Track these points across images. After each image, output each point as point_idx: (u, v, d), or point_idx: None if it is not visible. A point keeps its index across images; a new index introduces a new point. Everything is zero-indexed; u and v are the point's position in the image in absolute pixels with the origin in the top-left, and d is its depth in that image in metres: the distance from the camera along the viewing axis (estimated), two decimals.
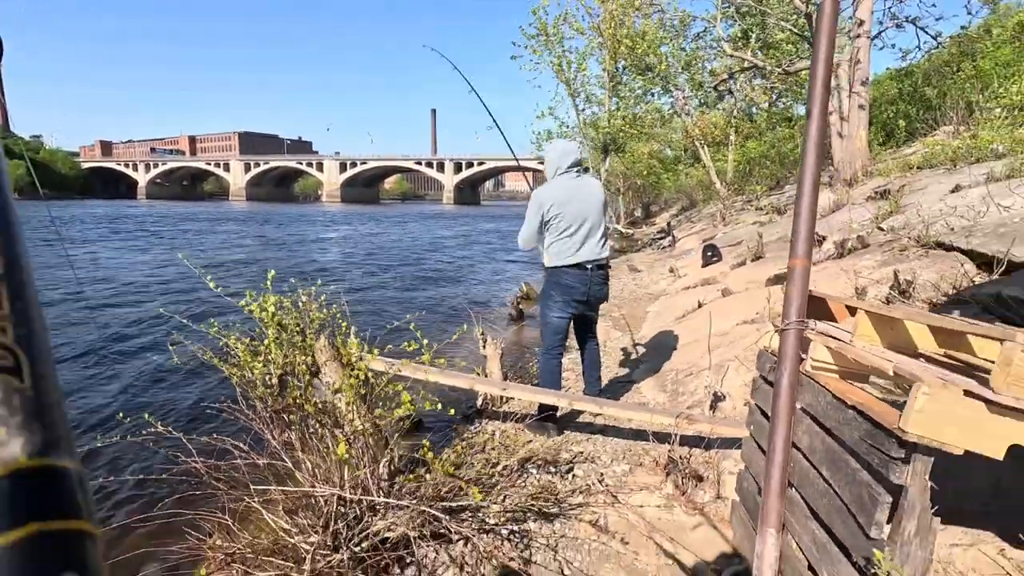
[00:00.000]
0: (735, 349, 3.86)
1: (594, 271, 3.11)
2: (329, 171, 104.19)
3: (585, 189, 3.10)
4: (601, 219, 3.13)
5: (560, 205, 3.03)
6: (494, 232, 30.55)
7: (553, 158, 3.15)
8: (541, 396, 2.81)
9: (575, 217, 3.03)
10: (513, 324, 7.51)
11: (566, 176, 3.11)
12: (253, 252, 18.36)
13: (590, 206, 3.08)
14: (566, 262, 3.07)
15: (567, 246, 3.07)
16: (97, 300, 9.52)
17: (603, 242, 3.15)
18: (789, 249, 1.55)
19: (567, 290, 3.11)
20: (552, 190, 3.08)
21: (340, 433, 2.05)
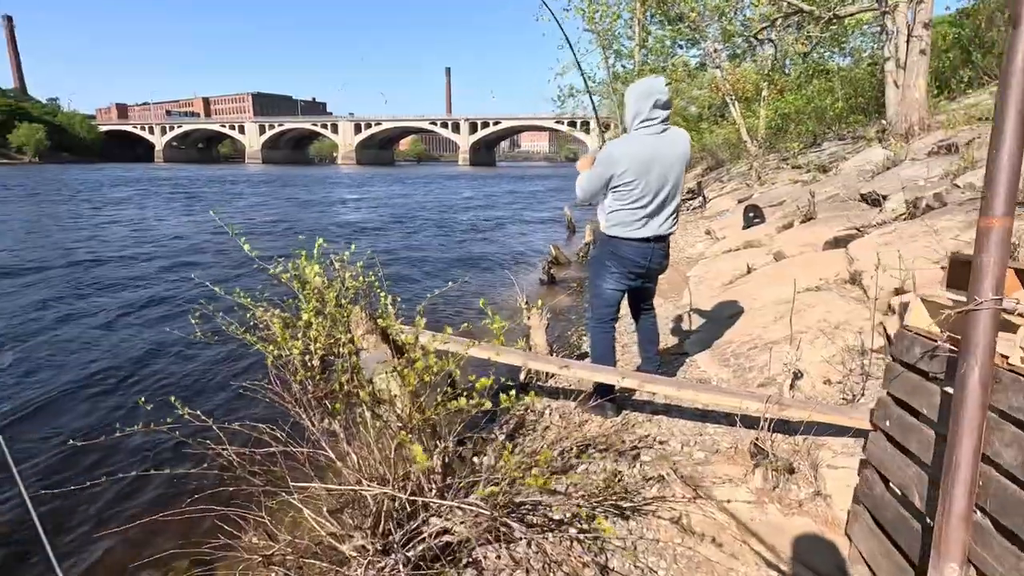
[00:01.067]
0: (805, 320, 3.49)
1: (657, 243, 2.71)
2: (344, 133, 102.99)
3: (671, 149, 2.54)
4: (680, 185, 2.63)
5: (637, 170, 2.49)
6: (514, 194, 29.95)
7: (631, 102, 2.54)
8: (604, 375, 2.49)
9: (653, 186, 2.52)
10: (545, 289, 7.19)
11: (648, 130, 2.51)
12: (279, 215, 18.17)
13: (673, 170, 2.55)
14: (628, 235, 2.64)
15: (635, 217, 2.59)
16: (125, 263, 9.39)
17: (676, 214, 2.72)
18: (981, 205, 1.18)
19: (624, 262, 2.69)
20: (630, 147, 2.51)
21: (396, 424, 1.76)
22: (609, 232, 2.71)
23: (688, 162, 2.68)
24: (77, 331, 5.87)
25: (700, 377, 3.37)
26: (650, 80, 2.59)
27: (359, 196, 27.34)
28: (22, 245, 11.35)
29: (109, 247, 11.22)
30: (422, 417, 1.77)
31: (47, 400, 4.14)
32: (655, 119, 2.52)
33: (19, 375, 4.62)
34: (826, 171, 9.29)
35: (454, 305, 6.37)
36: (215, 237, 12.56)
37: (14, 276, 8.43)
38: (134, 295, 7.36)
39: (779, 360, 3.20)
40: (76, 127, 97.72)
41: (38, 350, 5.25)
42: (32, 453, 3.25)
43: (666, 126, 2.58)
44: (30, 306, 6.80)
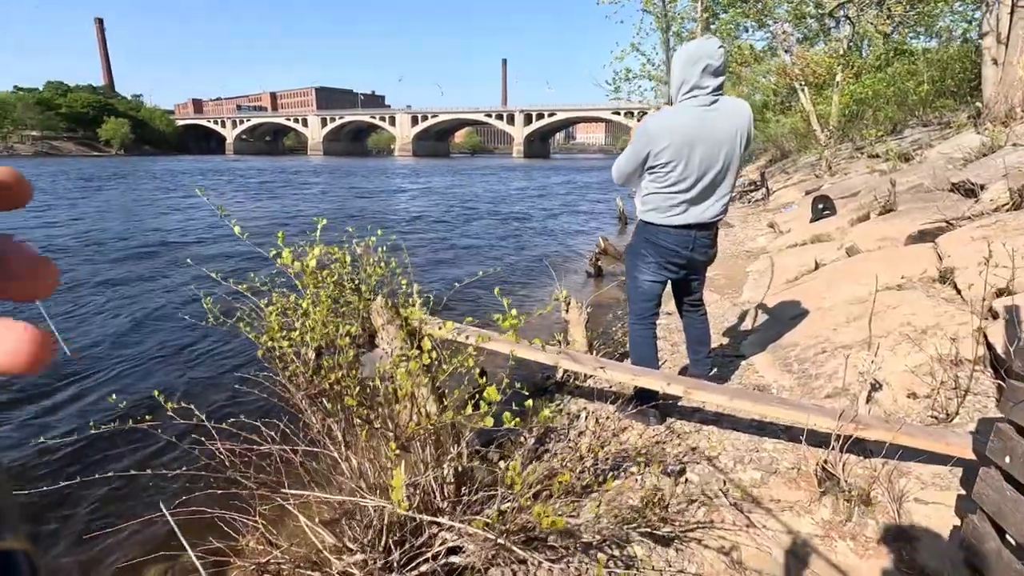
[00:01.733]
0: (885, 322, 3.06)
1: (700, 231, 2.36)
2: (401, 125, 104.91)
3: (720, 123, 2.17)
4: (734, 167, 2.26)
5: (677, 148, 2.16)
6: (567, 185, 29.48)
7: (677, 68, 2.19)
8: (645, 379, 2.20)
9: (696, 166, 2.19)
10: (591, 282, 6.88)
11: (695, 101, 2.16)
12: (341, 204, 18.63)
13: (723, 149, 2.19)
14: (666, 221, 2.32)
15: (673, 202, 2.27)
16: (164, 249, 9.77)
17: (726, 198, 2.33)
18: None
19: (661, 251, 2.39)
20: (671, 120, 2.17)
21: (395, 430, 1.56)
22: (644, 217, 2.41)
23: (748, 137, 2.28)
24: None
25: (758, 383, 3.01)
26: (699, 42, 2.19)
27: (416, 186, 27.71)
28: (95, 227, 12.06)
29: (179, 232, 11.75)
30: (426, 424, 1.56)
31: (31, 390, 3.78)
32: (705, 88, 2.15)
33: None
34: (908, 160, 8.45)
35: (492, 296, 6.16)
36: (279, 224, 12.95)
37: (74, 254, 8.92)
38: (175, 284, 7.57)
39: (852, 367, 2.80)
40: (156, 121, 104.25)
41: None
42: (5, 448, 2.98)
43: (718, 96, 2.20)
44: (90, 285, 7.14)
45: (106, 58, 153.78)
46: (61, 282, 0.23)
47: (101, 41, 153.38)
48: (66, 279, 7.20)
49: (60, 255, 8.82)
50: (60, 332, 5.22)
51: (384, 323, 2.42)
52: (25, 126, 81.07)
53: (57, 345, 0.22)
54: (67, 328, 5.18)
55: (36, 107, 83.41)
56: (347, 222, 9.72)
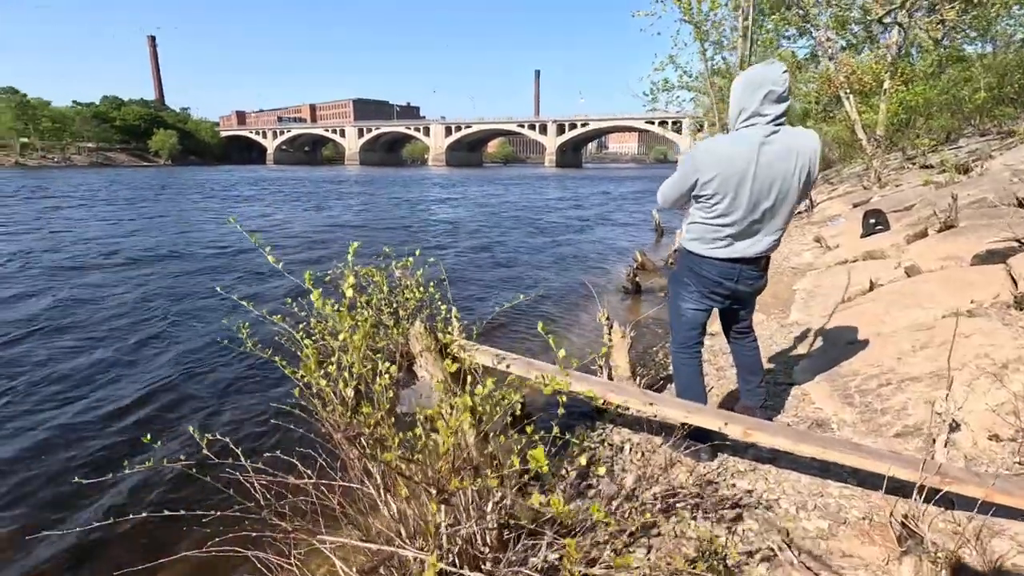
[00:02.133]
0: (958, 353, 2.82)
1: (748, 264, 2.20)
2: (435, 136, 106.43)
3: (778, 157, 1.98)
4: (789, 202, 2.08)
5: (724, 180, 2.00)
6: (601, 195, 29.26)
7: (737, 94, 2.04)
8: (701, 418, 2.05)
9: (745, 201, 2.03)
10: (629, 299, 6.70)
11: (752, 129, 1.99)
12: (379, 213, 18.95)
13: (776, 185, 2.01)
14: (709, 254, 2.19)
15: (718, 235, 2.14)
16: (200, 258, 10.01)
17: (777, 234, 2.16)
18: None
19: (704, 282, 2.26)
20: (719, 150, 2.02)
21: (436, 481, 1.47)
22: (687, 246, 2.29)
23: (811, 172, 2.07)
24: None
25: (816, 417, 2.81)
26: (762, 67, 2.03)
27: (451, 196, 28.00)
28: (138, 236, 12.50)
29: (218, 245, 12.09)
30: (470, 482, 1.46)
31: (53, 423, 3.68)
32: (766, 116, 1.99)
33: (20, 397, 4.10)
34: (967, 171, 8.01)
35: (529, 316, 6.01)
36: (322, 233, 13.21)
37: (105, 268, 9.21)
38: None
39: (922, 402, 2.59)
40: (202, 133, 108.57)
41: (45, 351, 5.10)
42: (32, 488, 2.87)
43: (779, 126, 2.01)
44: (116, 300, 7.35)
45: (157, 73, 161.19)
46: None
47: (153, 57, 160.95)
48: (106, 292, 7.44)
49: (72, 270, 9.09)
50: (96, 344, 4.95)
51: (422, 349, 2.34)
52: (82, 138, 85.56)
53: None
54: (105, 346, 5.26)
55: (92, 120, 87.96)
56: (385, 233, 9.72)
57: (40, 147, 77.43)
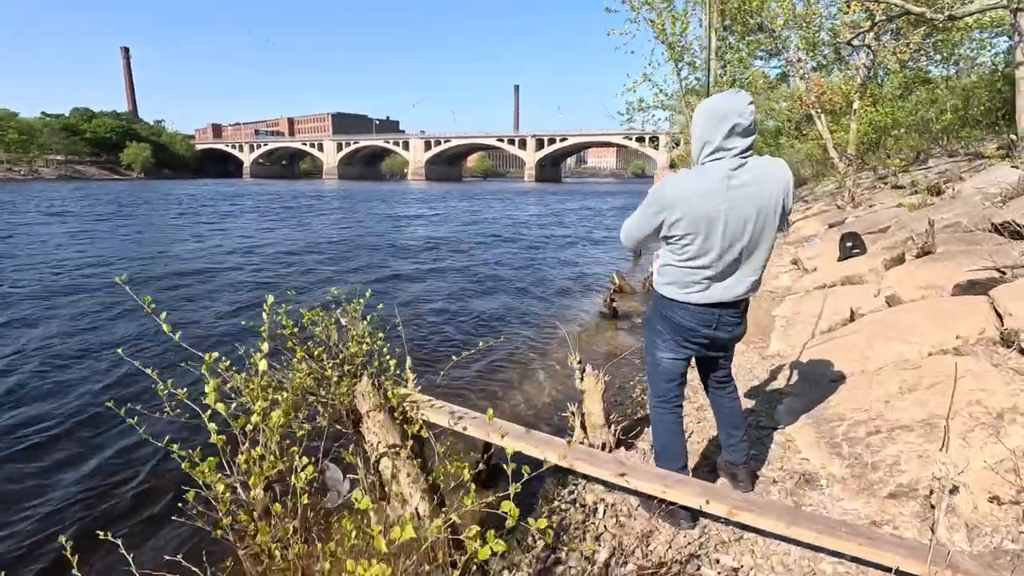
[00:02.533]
0: (947, 398, 2.66)
1: (726, 309, 2.02)
2: (415, 149, 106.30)
3: (748, 191, 1.83)
4: (767, 238, 1.93)
5: (693, 220, 1.83)
6: (579, 212, 29.29)
7: (699, 127, 1.88)
8: (680, 493, 1.82)
9: (719, 240, 1.85)
10: (606, 323, 6.50)
11: (718, 164, 1.83)
12: (352, 231, 18.53)
13: (751, 222, 1.85)
14: (686, 299, 1.99)
15: (692, 278, 1.95)
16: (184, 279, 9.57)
17: (757, 274, 1.98)
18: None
19: (679, 330, 2.06)
20: (685, 188, 1.85)
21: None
22: (660, 290, 2.08)
23: (788, 205, 1.92)
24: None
25: (802, 470, 2.61)
26: (726, 97, 1.88)
27: (428, 212, 27.71)
28: (99, 256, 11.96)
29: (184, 260, 11.61)
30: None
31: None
32: (731, 150, 1.82)
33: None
34: (940, 193, 8.05)
35: (498, 352, 5.57)
36: (297, 252, 12.81)
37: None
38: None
39: (915, 456, 2.41)
40: (177, 146, 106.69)
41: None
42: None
43: (746, 159, 1.85)
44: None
45: (130, 85, 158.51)
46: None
47: (126, 69, 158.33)
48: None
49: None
50: None
51: (370, 409, 2.08)
52: (50, 150, 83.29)
53: None
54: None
55: (61, 132, 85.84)
56: (360, 254, 9.20)
57: (5, 160, 75.08)
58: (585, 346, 5.05)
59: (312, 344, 2.23)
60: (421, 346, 5.71)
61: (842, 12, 13.23)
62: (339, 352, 2.23)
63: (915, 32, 13.44)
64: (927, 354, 3.35)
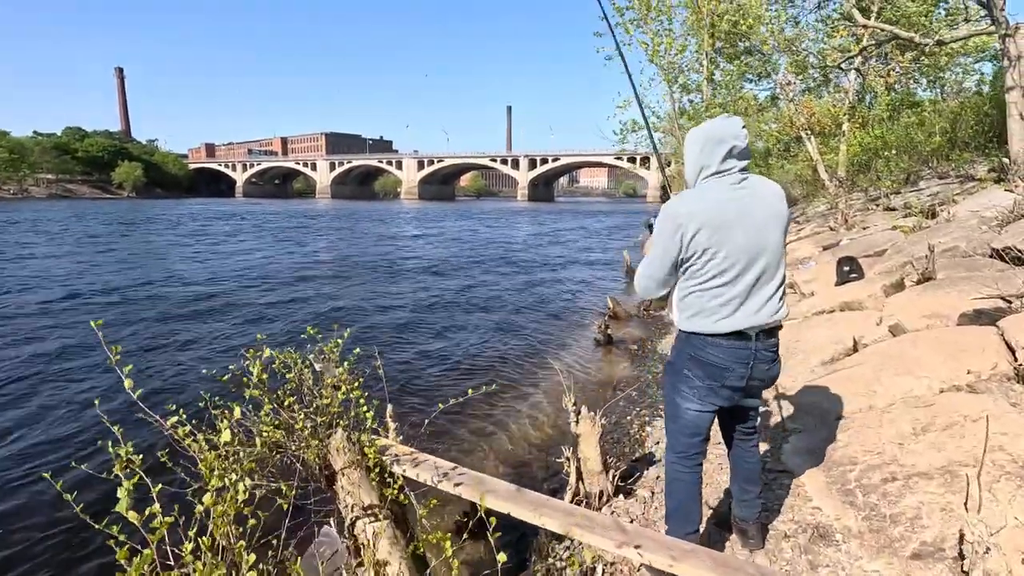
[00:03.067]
0: (968, 442, 2.50)
1: (761, 341, 1.87)
2: (408, 169, 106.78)
3: (757, 203, 1.79)
4: (780, 254, 1.86)
5: (712, 230, 1.75)
6: (572, 231, 29.30)
7: (694, 151, 1.85)
8: (690, 567, 1.61)
9: (740, 254, 1.77)
10: (601, 351, 6.32)
11: (721, 181, 1.80)
12: (345, 252, 18.33)
13: (765, 233, 1.79)
14: (715, 328, 1.82)
15: (718, 301, 1.81)
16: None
17: (780, 293, 1.88)
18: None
19: (712, 371, 1.87)
20: (695, 202, 1.79)
21: None
22: (685, 327, 1.90)
23: (787, 224, 1.87)
24: None
25: (815, 521, 2.42)
26: (720, 121, 1.84)
27: (422, 232, 27.60)
28: (90, 276, 11.69)
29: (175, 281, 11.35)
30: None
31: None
32: (728, 171, 1.80)
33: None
34: (934, 216, 8.00)
35: (492, 391, 5.16)
36: (291, 275, 12.58)
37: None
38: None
39: (937, 509, 2.23)
40: (170, 165, 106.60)
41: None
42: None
43: (745, 176, 1.84)
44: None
45: (124, 105, 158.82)
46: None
47: (120, 89, 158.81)
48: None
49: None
50: None
51: (344, 467, 1.89)
52: (41, 169, 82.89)
53: None
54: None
55: (52, 151, 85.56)
56: (353, 277, 8.82)
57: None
58: (579, 377, 4.86)
59: (283, 391, 2.04)
60: (405, 381, 5.47)
61: (829, 36, 13.44)
62: (312, 400, 2.04)
63: (903, 57, 13.63)
64: (939, 391, 3.19)
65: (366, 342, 2.61)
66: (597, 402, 3.65)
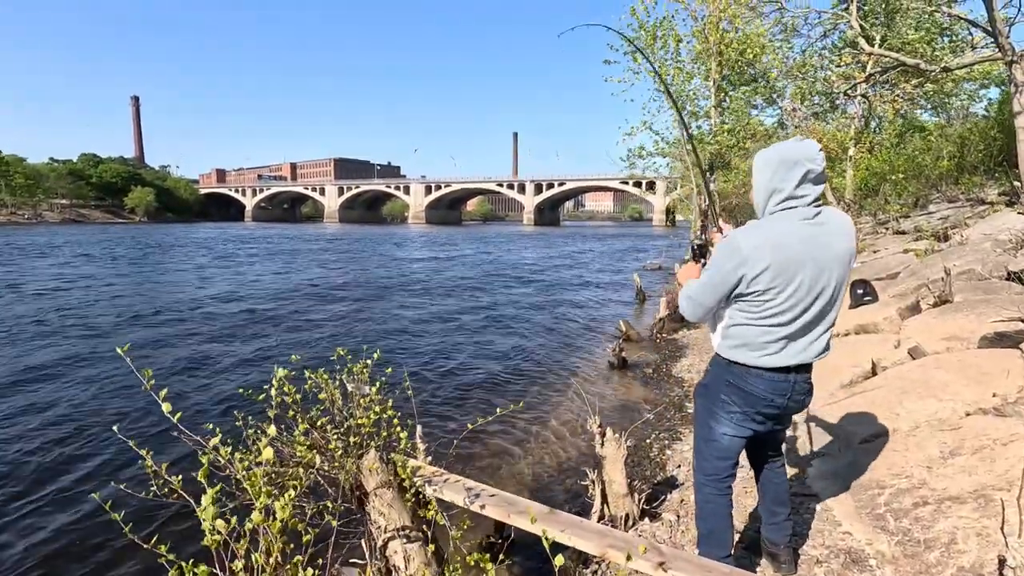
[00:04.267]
0: (997, 466, 2.47)
1: (800, 374, 1.86)
2: (415, 194, 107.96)
3: (831, 240, 1.73)
4: (842, 293, 1.81)
5: (779, 270, 1.69)
6: (579, 255, 29.40)
7: (766, 173, 1.77)
8: None
9: (803, 296, 1.72)
10: (615, 374, 6.30)
11: (792, 213, 1.73)
12: (354, 276, 18.40)
13: (834, 273, 1.74)
14: (758, 362, 1.81)
15: (770, 337, 1.77)
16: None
17: (830, 333, 1.85)
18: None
19: (751, 400, 1.86)
20: (767, 237, 1.71)
21: None
22: (728, 355, 1.88)
23: (852, 263, 1.83)
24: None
25: (846, 547, 2.39)
26: (794, 144, 1.76)
27: (429, 256, 27.76)
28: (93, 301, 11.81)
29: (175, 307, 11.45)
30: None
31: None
32: (802, 198, 1.72)
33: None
34: (946, 239, 8.00)
35: (514, 417, 5.11)
36: (306, 299, 12.67)
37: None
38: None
39: (973, 534, 2.20)
40: (181, 191, 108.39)
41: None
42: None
43: (820, 207, 1.77)
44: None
45: (139, 132, 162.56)
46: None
47: (135, 117, 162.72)
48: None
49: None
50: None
51: (377, 487, 1.89)
52: (56, 195, 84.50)
53: None
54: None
55: (67, 177, 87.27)
56: (360, 301, 8.82)
57: (10, 204, 76.06)
58: (596, 400, 4.82)
59: (316, 412, 2.06)
60: (425, 401, 5.47)
61: (834, 64, 13.65)
62: (343, 421, 2.05)
63: (908, 83, 13.80)
64: (964, 414, 3.16)
65: (389, 363, 2.64)
66: (616, 425, 3.63)
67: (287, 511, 1.18)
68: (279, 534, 1.14)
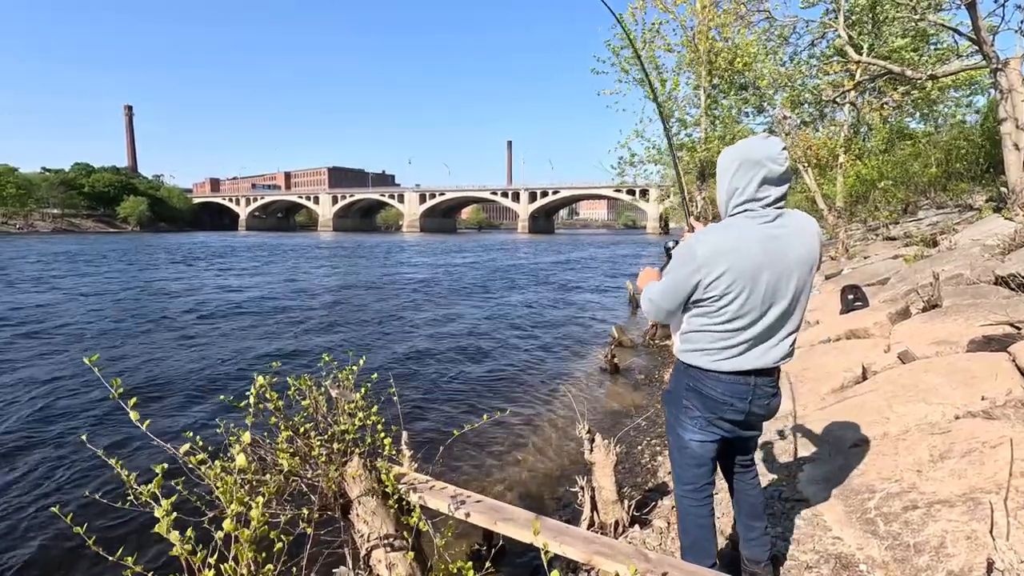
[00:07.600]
0: (988, 468, 2.47)
1: (761, 377, 1.81)
2: (410, 203, 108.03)
3: (791, 243, 1.69)
4: (805, 297, 1.78)
5: (736, 275, 1.66)
6: (573, 263, 29.44)
7: (727, 173, 1.74)
8: None
9: (760, 299, 1.69)
10: (607, 380, 6.28)
11: (753, 217, 1.70)
12: (348, 283, 18.32)
13: (793, 277, 1.70)
14: (716, 366, 1.78)
15: (728, 342, 1.75)
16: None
17: (793, 338, 1.83)
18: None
19: (711, 404, 1.84)
20: (724, 241, 1.68)
21: None
22: (686, 359, 1.85)
23: (817, 263, 1.78)
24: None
25: (836, 552, 2.37)
26: (757, 141, 1.71)
27: (422, 264, 27.71)
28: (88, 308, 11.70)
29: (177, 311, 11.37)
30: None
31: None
32: (764, 199, 1.69)
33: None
34: (935, 244, 8.06)
35: (504, 421, 5.12)
36: (298, 309, 12.60)
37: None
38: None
39: (962, 537, 2.18)
40: (174, 200, 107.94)
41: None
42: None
43: (781, 210, 1.73)
44: None
45: (132, 141, 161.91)
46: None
47: (128, 126, 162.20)
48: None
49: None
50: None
51: (361, 494, 1.86)
52: (48, 204, 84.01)
53: None
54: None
55: (60, 187, 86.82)
56: (350, 307, 8.80)
57: (1, 213, 75.58)
58: (588, 406, 4.81)
59: (299, 418, 2.03)
60: (414, 408, 5.43)
61: (824, 72, 13.80)
62: (328, 427, 2.03)
63: (896, 91, 13.98)
64: (954, 417, 3.16)
65: (377, 368, 2.61)
66: (607, 431, 3.61)
67: (257, 517, 1.15)
68: (248, 542, 1.11)
